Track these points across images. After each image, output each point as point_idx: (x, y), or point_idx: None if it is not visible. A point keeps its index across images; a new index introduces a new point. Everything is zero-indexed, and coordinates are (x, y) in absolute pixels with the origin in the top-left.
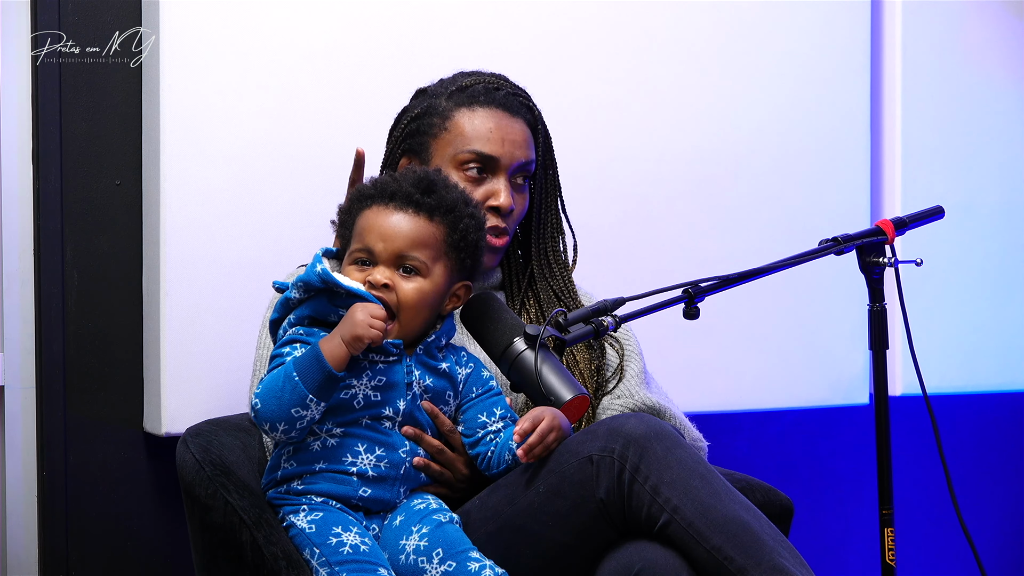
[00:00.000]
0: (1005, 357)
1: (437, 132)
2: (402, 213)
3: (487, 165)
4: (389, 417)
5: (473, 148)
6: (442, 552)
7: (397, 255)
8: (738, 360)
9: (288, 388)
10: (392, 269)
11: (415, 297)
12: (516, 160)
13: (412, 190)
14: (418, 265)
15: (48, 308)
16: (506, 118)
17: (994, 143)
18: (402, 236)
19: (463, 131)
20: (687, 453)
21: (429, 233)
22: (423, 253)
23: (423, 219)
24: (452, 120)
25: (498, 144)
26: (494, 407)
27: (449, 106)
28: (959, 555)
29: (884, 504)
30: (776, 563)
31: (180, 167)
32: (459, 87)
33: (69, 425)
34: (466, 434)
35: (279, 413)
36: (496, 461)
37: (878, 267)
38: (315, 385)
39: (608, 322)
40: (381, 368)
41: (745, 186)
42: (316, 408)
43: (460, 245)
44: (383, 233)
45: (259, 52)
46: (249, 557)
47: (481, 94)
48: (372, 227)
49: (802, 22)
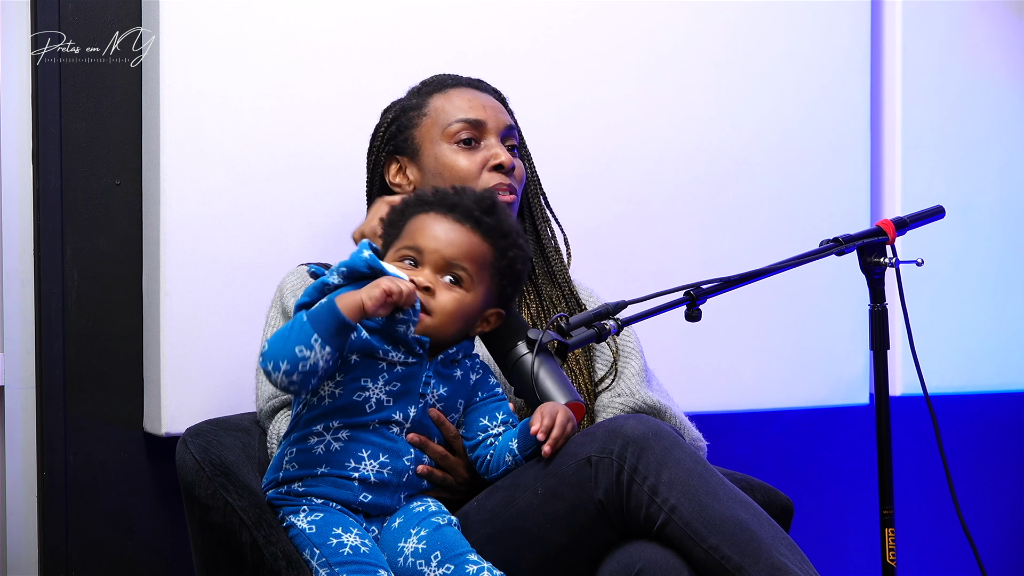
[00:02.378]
0: (1005, 357)
1: (417, 121)
2: (459, 225)
3: (477, 130)
4: (398, 423)
5: (458, 117)
6: (440, 554)
7: (445, 262)
8: (738, 360)
9: (296, 327)
10: (436, 275)
11: (453, 306)
12: (502, 124)
13: (473, 206)
14: (463, 276)
15: (48, 308)
16: (478, 93)
17: (994, 143)
18: (454, 245)
19: (443, 109)
20: (685, 453)
21: (480, 251)
22: (470, 267)
23: (478, 237)
24: (429, 106)
25: (480, 110)
26: (496, 411)
27: (421, 98)
28: (959, 555)
29: (884, 504)
30: (774, 560)
31: (180, 167)
32: (424, 83)
33: (69, 425)
34: (467, 437)
35: (283, 351)
36: (495, 464)
37: (879, 267)
38: (322, 326)
39: (610, 326)
40: (400, 372)
41: (745, 186)
42: (321, 352)
43: (505, 271)
44: (436, 237)
45: (259, 52)
46: (249, 557)
47: (449, 79)
48: (426, 230)
49: (802, 22)
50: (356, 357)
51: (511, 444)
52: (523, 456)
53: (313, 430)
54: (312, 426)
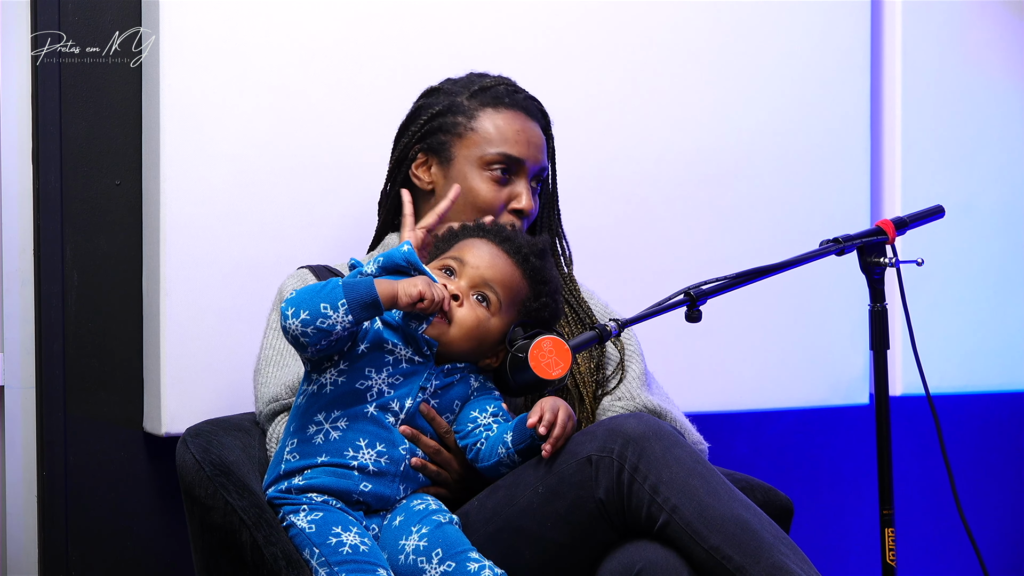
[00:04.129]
0: (1005, 357)
1: (462, 132)
2: (506, 256)
3: (511, 167)
4: (394, 412)
5: (501, 150)
6: (441, 552)
7: (482, 280)
8: (738, 360)
9: (329, 288)
10: (469, 288)
11: (473, 322)
12: (538, 163)
13: (527, 249)
14: (492, 299)
15: (48, 308)
16: (529, 121)
17: (994, 143)
18: (495, 269)
19: (489, 132)
20: (686, 452)
21: (518, 285)
22: (503, 293)
23: (519, 272)
24: (478, 120)
25: (524, 147)
26: (487, 404)
27: (473, 105)
28: (959, 555)
29: (884, 504)
30: (775, 560)
31: (180, 167)
32: (480, 87)
33: (69, 425)
34: (456, 429)
35: (309, 303)
36: (487, 453)
37: (879, 267)
38: (354, 296)
39: (611, 327)
40: (404, 368)
41: (745, 186)
42: (343, 318)
43: (532, 314)
44: (481, 257)
45: (259, 52)
46: (249, 557)
47: (505, 96)
48: (474, 249)
49: (802, 22)
50: (365, 347)
51: (505, 437)
52: (516, 450)
53: (313, 419)
54: (312, 416)
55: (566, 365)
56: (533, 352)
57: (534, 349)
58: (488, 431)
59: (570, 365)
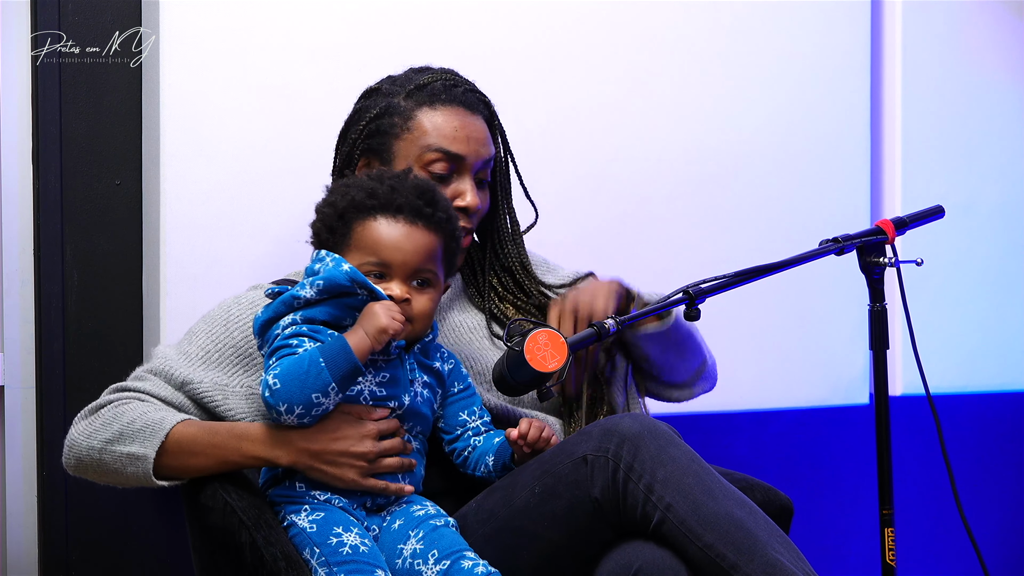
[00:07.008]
0: (1005, 357)
1: (399, 132)
2: (412, 227)
3: (453, 164)
4: (394, 411)
5: (440, 147)
6: (437, 552)
7: (413, 270)
8: (738, 360)
9: (313, 373)
10: (408, 283)
11: (430, 307)
12: (480, 158)
13: (418, 202)
14: (431, 278)
15: (48, 308)
16: (468, 115)
17: (994, 143)
18: (419, 252)
19: (427, 130)
20: (681, 451)
21: (437, 246)
22: (435, 265)
23: (432, 233)
24: (415, 120)
25: (463, 143)
26: (473, 405)
27: (410, 105)
28: (959, 555)
29: (884, 504)
30: (769, 558)
31: (180, 167)
32: (417, 85)
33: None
34: (446, 431)
35: (300, 396)
36: (473, 463)
37: (879, 267)
38: (340, 374)
39: (610, 325)
40: (383, 366)
41: (745, 186)
42: (334, 398)
43: (453, 250)
44: (399, 248)
45: (259, 52)
46: (249, 558)
47: (441, 92)
48: (385, 242)
49: (802, 22)
50: None
51: (487, 459)
52: (496, 475)
53: None
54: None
55: (562, 358)
56: (528, 345)
57: (529, 342)
58: (476, 437)
59: (566, 359)
